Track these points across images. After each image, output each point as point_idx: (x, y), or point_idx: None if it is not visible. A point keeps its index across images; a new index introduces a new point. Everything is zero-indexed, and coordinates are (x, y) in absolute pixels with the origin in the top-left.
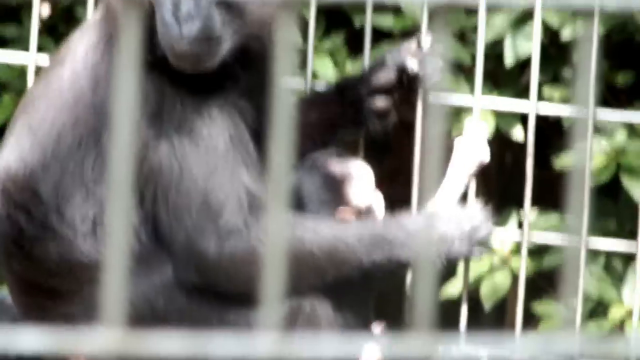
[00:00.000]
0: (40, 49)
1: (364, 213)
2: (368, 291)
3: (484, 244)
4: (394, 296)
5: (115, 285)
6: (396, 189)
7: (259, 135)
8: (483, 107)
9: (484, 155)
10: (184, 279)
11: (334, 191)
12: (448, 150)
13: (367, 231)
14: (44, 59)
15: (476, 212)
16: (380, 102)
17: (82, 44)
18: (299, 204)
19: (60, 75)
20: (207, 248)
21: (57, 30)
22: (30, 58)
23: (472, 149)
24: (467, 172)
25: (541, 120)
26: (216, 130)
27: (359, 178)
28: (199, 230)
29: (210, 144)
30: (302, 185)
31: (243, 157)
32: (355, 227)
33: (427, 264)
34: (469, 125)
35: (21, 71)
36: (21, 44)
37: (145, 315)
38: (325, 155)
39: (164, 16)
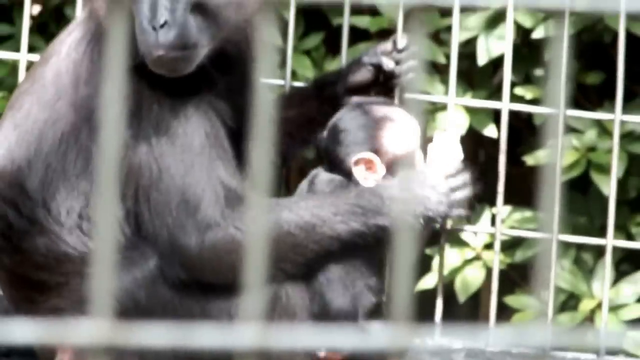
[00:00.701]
0: (32, 47)
1: (399, 161)
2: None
3: (462, 205)
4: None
5: (102, 278)
6: None
7: (237, 134)
8: (457, 103)
9: (457, 156)
10: (170, 274)
11: (371, 132)
12: (423, 148)
13: (342, 202)
14: (35, 58)
15: (453, 174)
16: (356, 100)
17: (66, 42)
18: (334, 141)
19: (45, 72)
20: (188, 243)
21: (48, 29)
22: (21, 56)
23: (445, 150)
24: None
25: (513, 118)
26: (192, 128)
27: (398, 124)
28: (180, 226)
29: (186, 141)
30: (341, 122)
31: (218, 153)
32: (330, 199)
33: (406, 225)
34: (442, 128)
35: (13, 68)
36: (14, 41)
37: (129, 309)
38: (372, 99)
39: (141, 23)
